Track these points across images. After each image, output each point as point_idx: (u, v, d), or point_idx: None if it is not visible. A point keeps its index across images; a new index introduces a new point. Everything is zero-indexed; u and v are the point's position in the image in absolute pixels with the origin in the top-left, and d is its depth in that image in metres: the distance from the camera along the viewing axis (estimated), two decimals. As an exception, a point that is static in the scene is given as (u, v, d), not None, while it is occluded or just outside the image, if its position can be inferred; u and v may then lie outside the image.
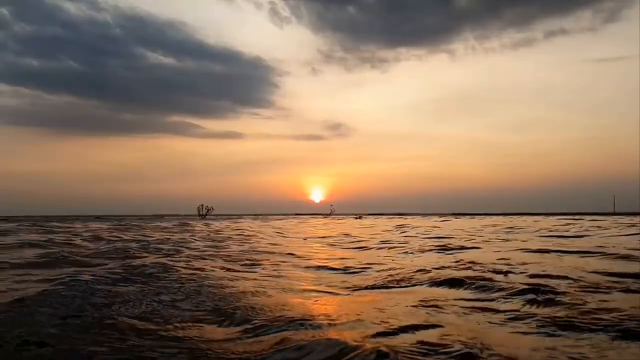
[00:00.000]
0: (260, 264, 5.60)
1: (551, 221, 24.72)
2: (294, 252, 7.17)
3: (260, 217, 62.05)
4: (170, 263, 5.21)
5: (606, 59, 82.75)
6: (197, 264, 5.40)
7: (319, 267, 5.39)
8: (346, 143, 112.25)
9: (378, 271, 4.80)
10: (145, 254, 6.70)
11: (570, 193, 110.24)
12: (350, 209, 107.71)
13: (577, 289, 3.41)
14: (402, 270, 4.72)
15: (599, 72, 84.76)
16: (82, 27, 77.13)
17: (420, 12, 76.42)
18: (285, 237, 12.30)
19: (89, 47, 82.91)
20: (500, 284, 3.64)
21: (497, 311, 2.82)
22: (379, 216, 65.20)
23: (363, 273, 4.76)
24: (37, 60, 79.27)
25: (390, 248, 7.89)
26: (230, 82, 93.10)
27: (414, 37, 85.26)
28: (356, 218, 44.99)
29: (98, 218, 51.47)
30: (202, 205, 60.30)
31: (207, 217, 56.56)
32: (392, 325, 2.40)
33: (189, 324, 2.63)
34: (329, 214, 71.88)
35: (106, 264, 5.45)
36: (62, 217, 59.22)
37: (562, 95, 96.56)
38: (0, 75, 77.03)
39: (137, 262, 5.40)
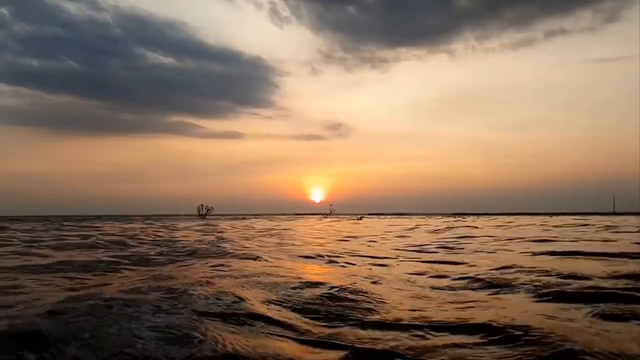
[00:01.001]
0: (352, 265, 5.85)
1: (555, 221, 25.17)
2: (351, 251, 7.38)
3: (264, 216, 61.90)
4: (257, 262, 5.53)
5: (606, 59, 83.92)
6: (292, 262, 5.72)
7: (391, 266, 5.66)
8: (346, 143, 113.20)
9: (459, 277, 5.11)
10: (222, 253, 6.91)
11: (570, 193, 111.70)
12: (350, 209, 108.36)
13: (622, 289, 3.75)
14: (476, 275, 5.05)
15: (599, 72, 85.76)
16: (82, 27, 77.55)
17: (420, 12, 77.25)
18: (322, 237, 12.61)
19: (89, 47, 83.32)
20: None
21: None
22: (383, 216, 65.02)
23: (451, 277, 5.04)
24: (37, 60, 79.53)
25: (427, 251, 8.18)
26: (230, 82, 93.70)
27: (414, 37, 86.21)
28: (358, 219, 44.92)
29: (98, 218, 51.21)
30: (202, 205, 60.47)
31: (207, 217, 56.61)
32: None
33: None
34: (329, 214, 72.06)
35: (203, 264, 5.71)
36: (64, 217, 59.06)
37: (562, 95, 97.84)
38: (0, 75, 77.43)
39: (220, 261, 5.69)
